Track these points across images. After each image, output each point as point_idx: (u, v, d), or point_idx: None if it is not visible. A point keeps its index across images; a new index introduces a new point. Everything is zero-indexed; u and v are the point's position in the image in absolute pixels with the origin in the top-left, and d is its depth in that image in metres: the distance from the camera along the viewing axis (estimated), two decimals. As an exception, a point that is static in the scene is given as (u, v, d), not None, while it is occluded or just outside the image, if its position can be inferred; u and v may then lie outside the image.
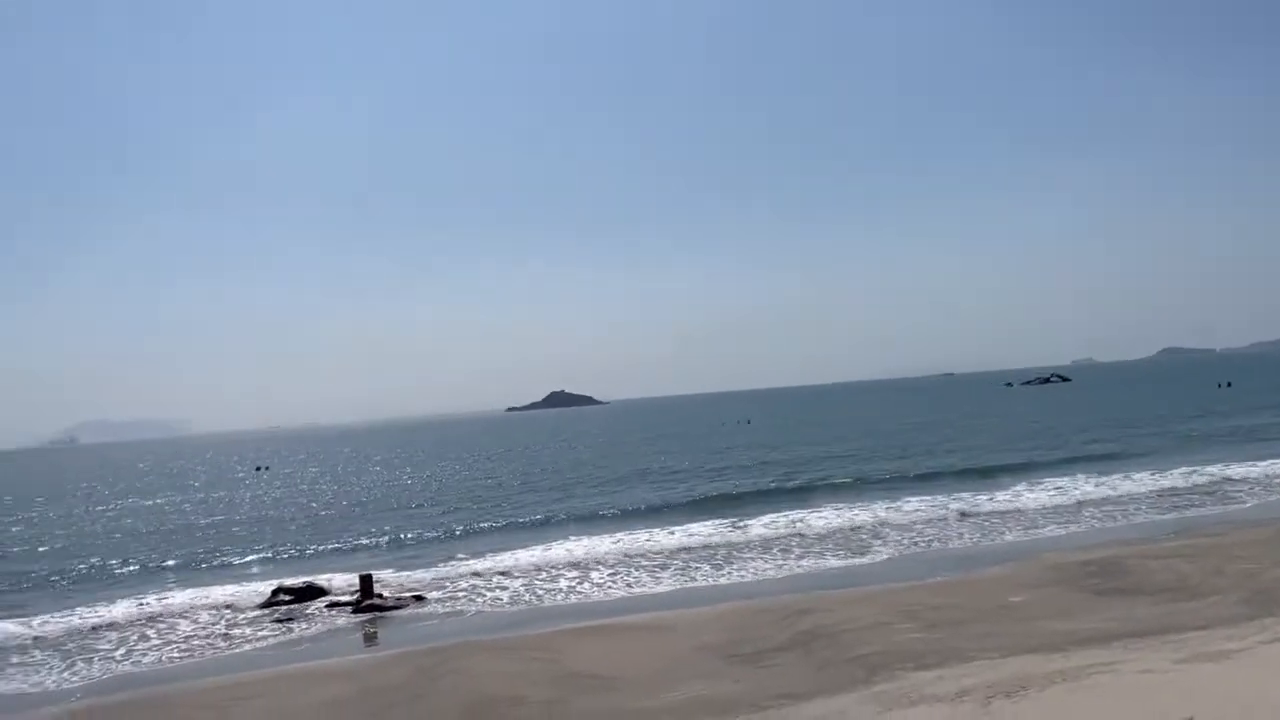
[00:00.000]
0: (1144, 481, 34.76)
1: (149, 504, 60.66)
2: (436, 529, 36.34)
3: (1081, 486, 34.67)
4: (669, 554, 27.12)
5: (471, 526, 36.26)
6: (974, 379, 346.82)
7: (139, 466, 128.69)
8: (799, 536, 28.60)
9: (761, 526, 30.24)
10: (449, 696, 14.23)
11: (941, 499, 33.81)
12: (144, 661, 19.22)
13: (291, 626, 21.49)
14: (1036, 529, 27.47)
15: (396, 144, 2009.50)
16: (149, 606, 24.13)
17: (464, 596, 23.32)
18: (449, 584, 24.80)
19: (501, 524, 36.61)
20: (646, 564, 25.93)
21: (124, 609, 23.93)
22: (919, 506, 32.40)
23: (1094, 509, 30.23)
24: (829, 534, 28.79)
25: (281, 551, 33.51)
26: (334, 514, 45.56)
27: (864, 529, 29.24)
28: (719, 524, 31.16)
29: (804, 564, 24.70)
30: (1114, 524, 27.49)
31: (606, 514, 37.51)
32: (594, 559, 26.92)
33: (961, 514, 30.59)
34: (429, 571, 26.55)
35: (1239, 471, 35.78)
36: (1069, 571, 19.97)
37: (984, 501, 32.72)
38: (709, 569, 24.75)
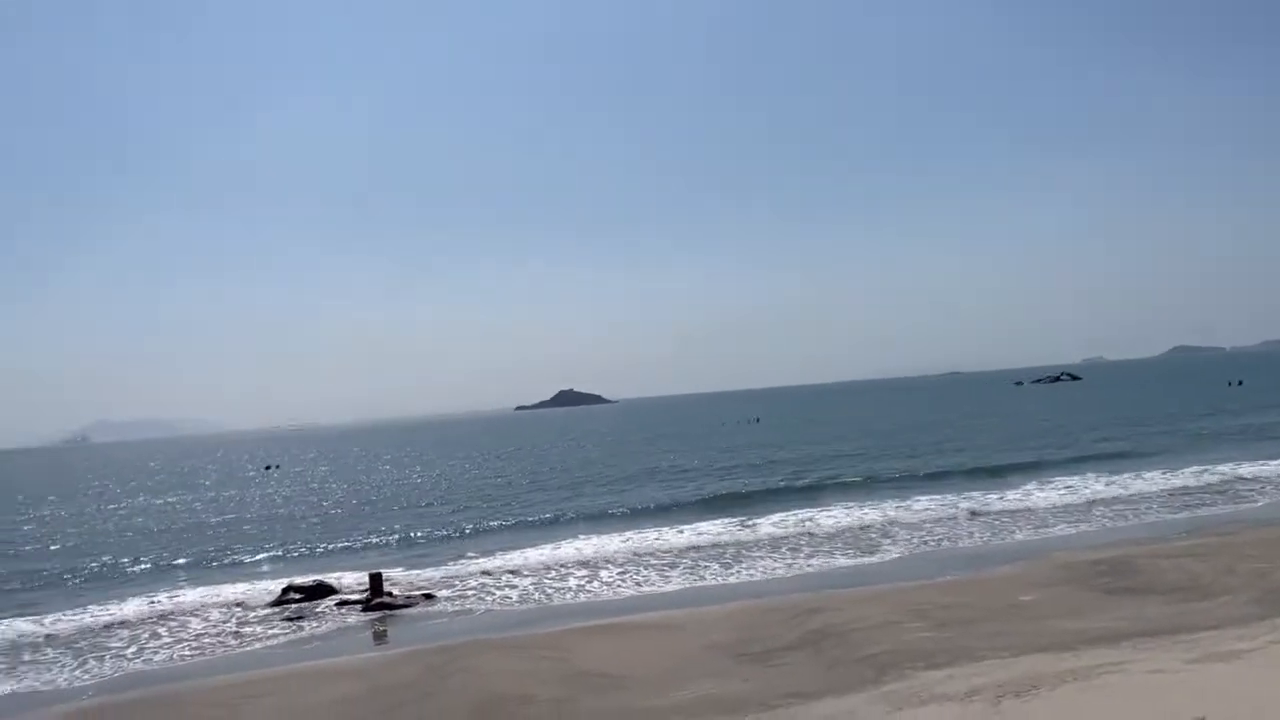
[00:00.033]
0: (1155, 480, 34.62)
1: (160, 502, 60.91)
2: (446, 527, 36.41)
3: (1092, 485, 34.57)
4: (678, 553, 27.13)
5: (481, 525, 36.31)
6: (982, 378, 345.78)
7: (149, 465, 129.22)
8: (808, 535, 28.59)
9: (771, 525, 30.25)
10: (459, 695, 14.27)
11: (951, 498, 33.76)
12: (155, 659, 19.31)
13: (302, 625, 21.57)
14: (1047, 528, 27.39)
15: (396, 144, 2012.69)
16: (160, 604, 24.27)
17: (473, 595, 23.37)
18: (458, 582, 24.86)
19: (511, 523, 36.68)
20: (655, 563, 25.95)
21: (135, 607, 24.07)
22: (929, 505, 32.36)
23: (1105, 508, 30.13)
24: (838, 533, 28.76)
25: (291, 550, 33.63)
26: (344, 512, 45.68)
27: (873, 528, 29.20)
28: (728, 523, 31.17)
29: (813, 563, 24.69)
30: (1125, 523, 27.39)
31: (615, 513, 37.53)
32: (603, 558, 26.95)
33: (971, 513, 30.52)
34: (438, 570, 26.63)
35: (1250, 470, 35.63)
36: (1079, 571, 19.91)
37: (994, 500, 32.64)
38: (718, 568, 24.75)
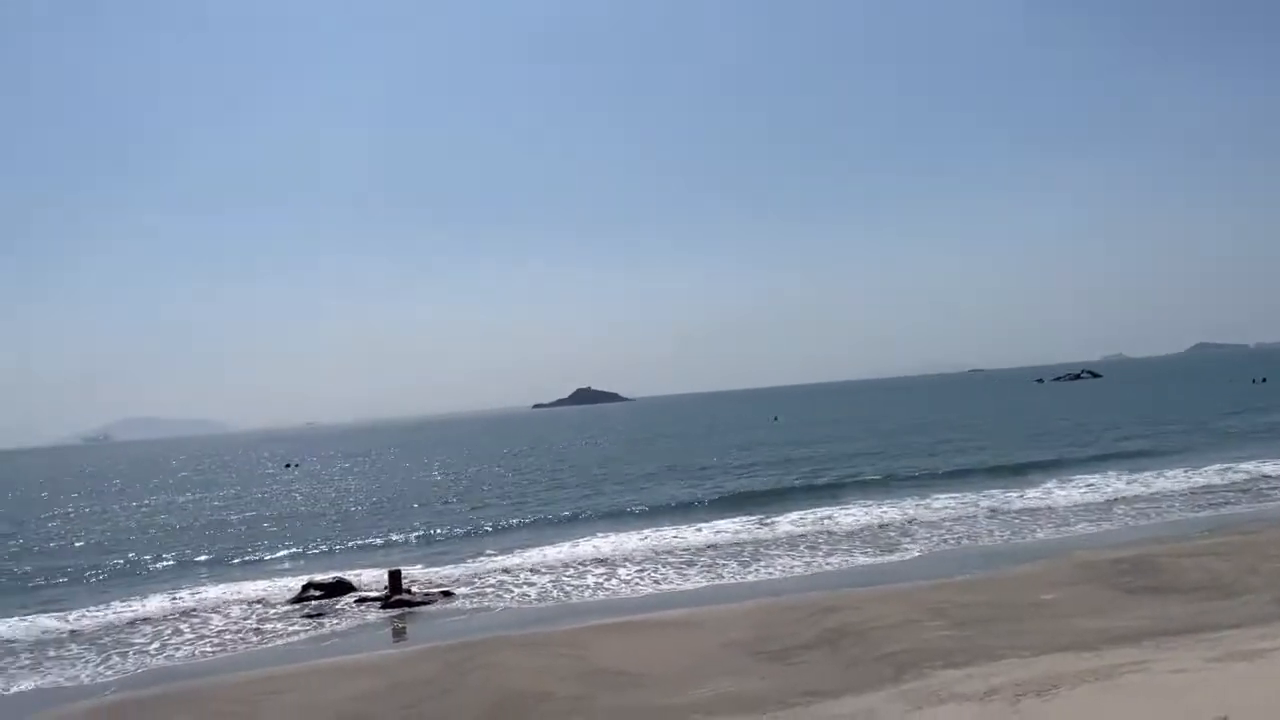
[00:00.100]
0: (1177, 479, 34.32)
1: (181, 500, 61.39)
2: (465, 525, 36.52)
3: (1113, 484, 34.30)
4: (696, 551, 27.13)
5: (500, 523, 36.41)
6: (1003, 375, 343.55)
7: (171, 463, 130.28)
8: (827, 534, 28.52)
9: (789, 524, 30.19)
10: (477, 691, 14.31)
11: (971, 496, 33.59)
12: (177, 656, 19.48)
13: (322, 621, 21.70)
14: (1068, 526, 27.22)
15: (396, 144, 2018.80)
16: (182, 601, 24.49)
17: (492, 592, 23.45)
18: (477, 580, 24.95)
19: (530, 520, 36.78)
20: (674, 561, 25.95)
21: (158, 603, 24.32)
22: (949, 504, 32.22)
23: (1126, 506, 29.90)
24: (857, 531, 28.69)
25: (311, 547, 33.84)
26: (363, 510, 45.90)
27: (893, 526, 29.10)
28: (746, 521, 31.14)
29: (832, 561, 24.62)
30: (1146, 522, 27.17)
31: (634, 511, 37.54)
32: (621, 556, 26.98)
33: (992, 511, 30.37)
34: (457, 568, 26.75)
35: (1275, 469, 35.23)
36: (1100, 569, 19.75)
37: (1014, 499, 32.44)
38: (736, 566, 24.72)
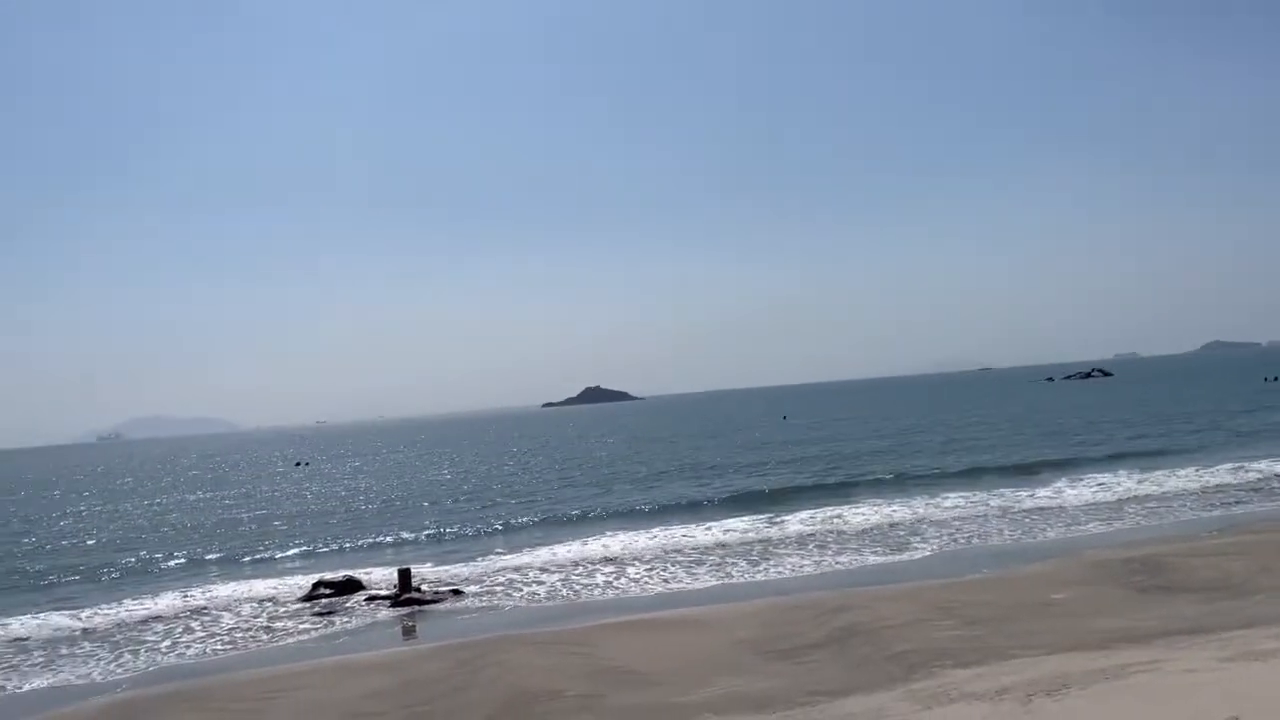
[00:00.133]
0: (1189, 478, 34.16)
1: (193, 498, 61.67)
2: (475, 524, 36.59)
3: (1125, 483, 34.17)
4: (705, 550, 27.12)
5: (510, 522, 36.47)
6: (1014, 374, 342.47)
7: (182, 462, 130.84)
8: (836, 533, 28.47)
9: (799, 523, 30.16)
10: (487, 689, 14.33)
11: (982, 495, 33.51)
12: (189, 653, 19.56)
13: (332, 620, 21.77)
14: (1079, 525, 27.11)
15: (396, 144, 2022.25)
16: (194, 599, 24.60)
17: (502, 591, 23.48)
18: (487, 578, 24.99)
19: (539, 519, 36.82)
20: (683, 560, 25.95)
21: (169, 601, 24.43)
22: (959, 503, 32.16)
23: (1137, 506, 29.77)
24: (867, 530, 28.64)
25: (321, 546, 33.95)
26: (373, 509, 46.03)
27: (903, 525, 29.05)
28: (756, 520, 31.13)
29: (842, 560, 24.58)
30: (1158, 521, 27.05)
31: (643, 509, 37.55)
32: (631, 554, 26.98)
33: (1002, 510, 30.28)
34: (467, 566, 26.80)
35: (1288, 468, 35.06)
36: (1111, 569, 19.69)
37: (1025, 498, 32.35)
38: (746, 565, 24.70)
